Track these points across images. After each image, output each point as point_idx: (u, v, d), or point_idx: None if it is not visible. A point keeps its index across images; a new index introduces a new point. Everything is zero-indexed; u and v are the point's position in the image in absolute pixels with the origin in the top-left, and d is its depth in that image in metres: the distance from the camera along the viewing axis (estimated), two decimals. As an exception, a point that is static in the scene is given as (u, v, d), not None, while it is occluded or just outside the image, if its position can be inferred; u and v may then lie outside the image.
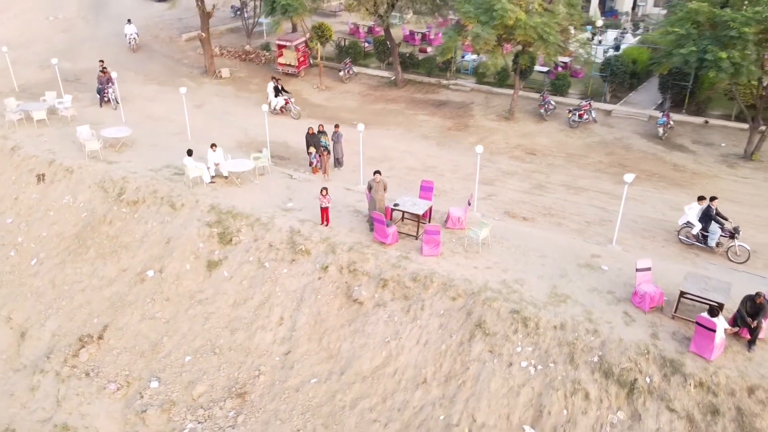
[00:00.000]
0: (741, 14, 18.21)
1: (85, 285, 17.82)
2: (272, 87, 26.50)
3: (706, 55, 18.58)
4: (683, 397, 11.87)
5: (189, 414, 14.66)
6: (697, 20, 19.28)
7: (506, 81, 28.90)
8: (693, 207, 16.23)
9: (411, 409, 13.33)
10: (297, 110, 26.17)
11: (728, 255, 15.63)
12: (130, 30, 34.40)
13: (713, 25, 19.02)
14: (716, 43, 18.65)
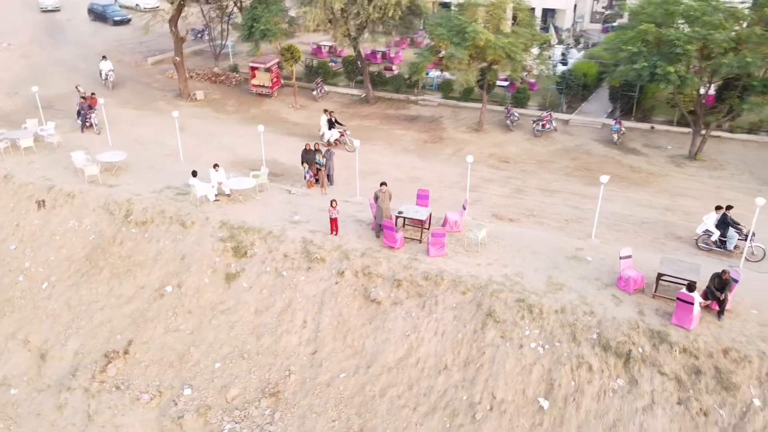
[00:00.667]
0: (684, 33, 21.01)
1: (103, 304, 18.51)
2: (325, 120, 26.21)
3: (657, 69, 21.26)
4: (671, 362, 13.96)
5: (225, 416, 15.71)
6: (646, 39, 21.98)
7: (471, 95, 31.12)
8: (711, 216, 18.02)
9: (436, 393, 14.91)
10: (353, 142, 25.10)
11: (746, 255, 17.40)
12: (105, 66, 33.58)
13: (660, 43, 21.76)
14: (664, 58, 21.37)
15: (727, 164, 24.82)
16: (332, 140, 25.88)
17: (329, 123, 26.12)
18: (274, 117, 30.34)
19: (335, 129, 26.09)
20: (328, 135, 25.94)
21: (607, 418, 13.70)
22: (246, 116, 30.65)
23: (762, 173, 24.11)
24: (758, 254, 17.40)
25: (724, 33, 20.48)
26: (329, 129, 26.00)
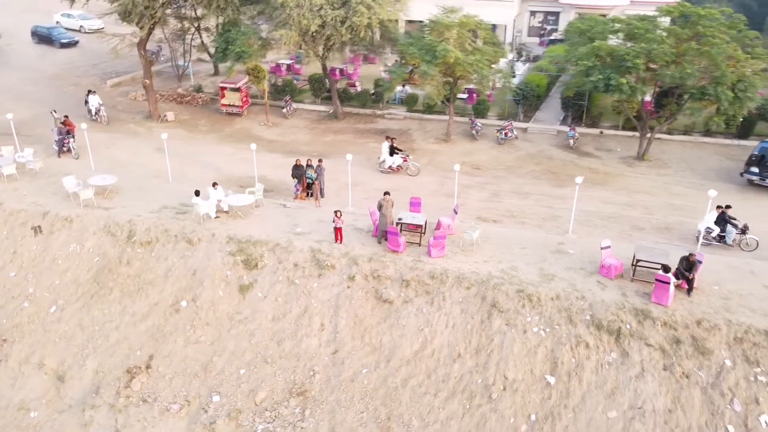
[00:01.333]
0: (632, 49, 23.75)
1: (117, 323, 19.04)
2: (387, 146, 26.31)
3: (611, 81, 23.90)
4: (655, 335, 16.15)
5: (257, 417, 16.72)
6: (599, 54, 24.63)
7: (434, 108, 33.15)
8: (710, 215, 20.03)
9: (453, 379, 16.50)
10: (416, 167, 26.11)
11: (741, 246, 19.86)
12: (94, 101, 31.78)
13: (612, 58, 24.45)
14: (616, 71, 24.04)
15: (670, 163, 27.86)
16: (394, 166, 26.15)
17: (391, 149, 26.31)
18: (249, 135, 31.25)
19: (397, 155, 26.26)
20: (389, 161, 26.18)
21: (606, 387, 15.71)
22: (221, 135, 31.42)
23: (700, 169, 27.22)
24: (752, 245, 19.88)
25: (666, 48, 23.36)
26: (390, 155, 26.21)
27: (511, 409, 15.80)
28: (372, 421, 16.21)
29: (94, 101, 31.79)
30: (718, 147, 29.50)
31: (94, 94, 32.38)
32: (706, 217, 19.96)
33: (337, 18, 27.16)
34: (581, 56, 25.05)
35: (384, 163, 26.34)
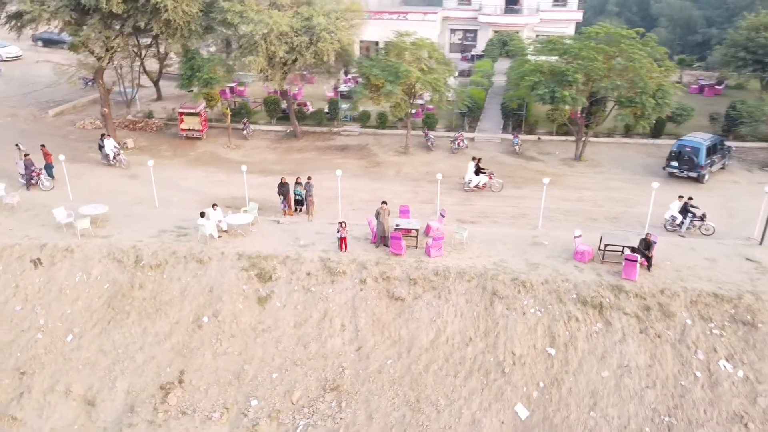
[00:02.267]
0: (571, 66, 27.46)
1: (141, 343, 19.77)
2: (473, 166, 27.70)
3: (555, 93, 27.45)
4: (630, 305, 19.33)
5: (296, 415, 18.21)
6: (542, 71, 28.17)
7: (386, 124, 35.60)
8: (675, 204, 23.57)
9: (468, 361, 18.84)
10: (500, 183, 27.67)
11: (701, 231, 23.39)
12: (110, 145, 30.25)
13: (554, 74, 28.05)
14: (559, 85, 27.63)
15: (602, 162, 31.92)
16: (480, 185, 27.60)
17: (477, 168, 27.77)
18: (216, 158, 32.18)
19: (483, 174, 27.71)
20: (475, 180, 27.59)
21: (597, 352, 18.65)
22: (187, 159, 32.10)
23: (628, 166, 31.44)
24: (710, 230, 23.51)
25: (599, 64, 27.26)
26: (476, 175, 27.67)
27: (522, 379, 18.37)
28: (403, 404, 18.20)
29: (110, 145, 30.28)
30: (637, 146, 34.06)
31: (109, 138, 30.77)
32: (671, 206, 23.68)
33: (302, 44, 28.94)
34: (527, 73, 28.51)
35: (470, 183, 27.79)
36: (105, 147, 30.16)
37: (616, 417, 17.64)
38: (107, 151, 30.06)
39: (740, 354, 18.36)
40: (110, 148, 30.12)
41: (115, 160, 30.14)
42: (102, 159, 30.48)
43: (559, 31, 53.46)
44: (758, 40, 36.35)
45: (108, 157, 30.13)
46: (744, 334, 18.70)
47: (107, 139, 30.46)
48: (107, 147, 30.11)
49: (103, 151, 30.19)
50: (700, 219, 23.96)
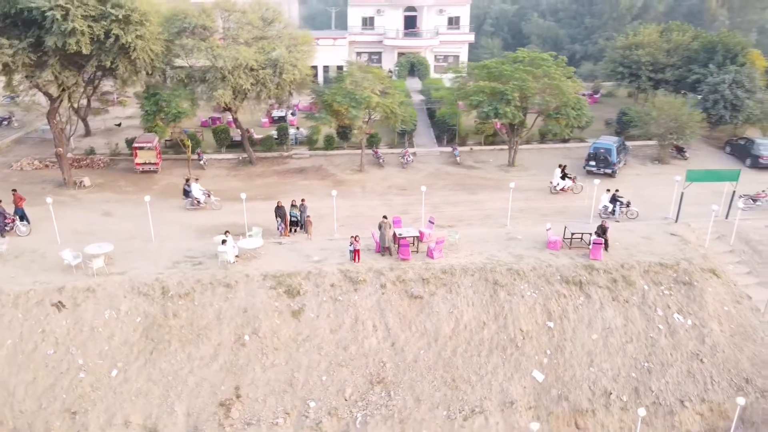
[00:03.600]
0: (509, 86, 32.14)
1: (189, 367, 20.89)
2: (559, 172, 32.43)
3: (498, 110, 31.96)
4: (601, 279, 23.86)
5: (352, 409, 20.51)
6: (484, 91, 32.60)
7: (332, 145, 38.25)
8: (605, 196, 28.81)
9: (487, 341, 22.25)
10: (580, 186, 31.82)
11: (627, 216, 28.49)
12: (197, 188, 29.85)
13: (494, 93, 32.59)
14: (500, 102, 32.18)
15: (531, 166, 37.07)
16: (566, 188, 32.23)
17: (562, 173, 32.35)
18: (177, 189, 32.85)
19: (568, 179, 32.33)
20: (562, 184, 32.29)
21: (585, 320, 22.91)
22: (154, 192, 32.39)
23: (552, 168, 36.66)
24: (634, 214, 28.76)
25: (530, 83, 32.24)
26: (563, 179, 32.28)
27: (533, 350, 22.14)
28: (442, 385, 21.18)
29: (198, 189, 29.96)
30: (552, 150, 39.77)
31: (196, 181, 30.51)
32: (603, 198, 28.83)
33: (267, 76, 30.84)
34: (471, 93, 32.83)
35: (557, 186, 32.51)
36: (192, 191, 29.80)
37: (609, 369, 21.98)
38: (196, 195, 29.73)
39: (686, 307, 23.55)
40: (198, 191, 29.80)
41: (206, 203, 29.91)
42: (188, 205, 29.99)
43: (454, 51, 59.39)
44: (632, 57, 43.90)
45: (197, 202, 29.75)
46: (686, 291, 23.96)
47: (194, 182, 30.13)
48: (195, 191, 29.78)
49: (191, 196, 29.84)
50: (626, 206, 29.50)
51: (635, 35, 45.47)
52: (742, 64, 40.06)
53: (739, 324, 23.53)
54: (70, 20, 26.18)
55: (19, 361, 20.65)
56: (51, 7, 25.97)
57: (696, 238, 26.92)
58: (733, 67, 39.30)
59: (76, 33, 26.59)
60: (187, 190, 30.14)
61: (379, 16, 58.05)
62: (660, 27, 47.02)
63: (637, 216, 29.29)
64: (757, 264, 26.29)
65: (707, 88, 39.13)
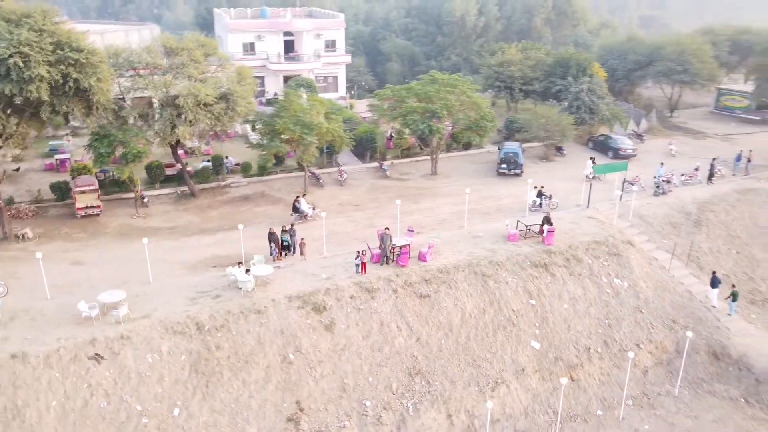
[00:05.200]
0: (437, 106, 36.58)
1: (248, 392, 22.03)
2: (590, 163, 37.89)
3: (431, 127, 36.25)
4: (558, 260, 29.17)
5: (402, 400, 23.28)
6: (416, 111, 36.67)
7: (266, 171, 39.69)
8: (533, 193, 33.61)
9: (490, 324, 26.29)
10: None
11: (550, 207, 33.58)
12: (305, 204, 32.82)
13: (426, 112, 36.80)
14: (431, 120, 36.50)
15: (450, 173, 41.98)
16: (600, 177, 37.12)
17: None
18: (138, 229, 32.28)
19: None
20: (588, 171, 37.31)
21: (556, 295, 28.00)
22: (109, 237, 31.51)
23: (467, 173, 42.04)
24: (556, 205, 34.38)
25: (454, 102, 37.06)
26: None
27: (526, 325, 26.68)
28: (467, 366, 24.80)
29: (305, 204, 33.66)
30: (460, 158, 45.15)
31: (304, 197, 34.40)
32: (530, 194, 34.37)
33: (221, 110, 31.68)
34: (405, 113, 36.75)
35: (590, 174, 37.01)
36: (301, 206, 33.58)
37: (582, 329, 27.33)
38: (304, 210, 33.55)
39: (621, 273, 29.83)
40: (306, 206, 33.73)
41: (312, 216, 33.25)
42: (297, 219, 33.15)
43: (333, 72, 62.86)
44: (506, 72, 51.20)
45: (305, 215, 33.41)
46: (617, 261, 30.26)
47: (303, 198, 34.12)
48: (303, 206, 33.63)
49: (300, 211, 33.53)
50: (549, 199, 35.58)
51: (503, 54, 52.99)
52: (591, 75, 49.11)
53: (656, 280, 30.41)
54: (33, 67, 25.19)
55: (72, 419, 20.20)
56: (10, 54, 24.78)
57: (606, 219, 33.68)
58: (586, 78, 48.07)
59: (35, 80, 25.61)
60: (297, 206, 33.71)
61: (259, 42, 59.47)
62: (519, 46, 55.18)
63: (557, 206, 35.49)
64: (652, 233, 33.76)
65: (571, 96, 47.42)
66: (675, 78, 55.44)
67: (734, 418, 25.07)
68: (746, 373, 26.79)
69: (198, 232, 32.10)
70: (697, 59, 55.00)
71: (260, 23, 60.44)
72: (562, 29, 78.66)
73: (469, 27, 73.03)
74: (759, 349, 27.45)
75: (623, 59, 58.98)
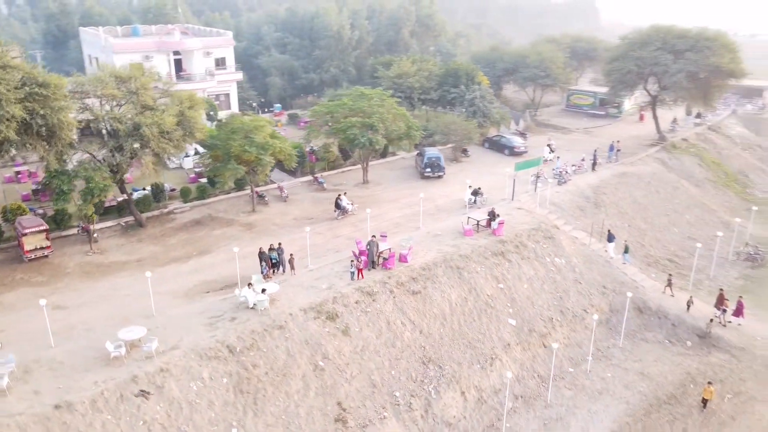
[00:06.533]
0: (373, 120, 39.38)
1: (294, 402, 23.39)
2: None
3: (372, 139, 39.01)
4: (510, 248, 33.66)
5: (423, 386, 26.05)
6: (356, 125, 39.16)
7: (206, 194, 39.67)
8: (467, 192, 37.36)
9: (474, 310, 29.90)
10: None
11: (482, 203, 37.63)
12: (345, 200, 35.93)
13: (364, 126, 39.40)
14: (369, 132, 39.26)
15: (380, 180, 45.00)
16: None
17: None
18: (102, 266, 31.11)
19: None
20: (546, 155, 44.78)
21: (516, 277, 32.43)
22: (76, 275, 30.10)
23: (393, 178, 45.40)
24: (488, 202, 38.58)
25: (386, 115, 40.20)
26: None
27: (500, 305, 30.74)
28: (465, 347, 28.17)
29: (346, 200, 37.95)
30: (379, 165, 48.32)
31: (345, 194, 38.50)
32: (466, 193, 38.60)
33: (181, 137, 31.56)
34: (345, 128, 39.09)
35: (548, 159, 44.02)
36: (342, 202, 37.67)
37: (542, 304, 32.09)
38: (345, 206, 37.65)
39: (557, 252, 35.19)
40: (346, 202, 37.95)
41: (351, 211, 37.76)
42: (338, 215, 37.66)
43: (225, 90, 62.67)
44: (405, 83, 55.35)
45: (345, 210, 37.65)
46: (552, 242, 35.62)
47: (344, 195, 38.32)
48: (344, 202, 37.82)
49: (342, 207, 37.58)
50: (481, 196, 40.21)
51: (399, 67, 57.14)
52: (479, 83, 55.11)
53: (583, 255, 36.28)
54: (4, 105, 23.92)
55: (137, 457, 20.19)
56: (-19, 94, 23.33)
57: (530, 209, 39.08)
58: (476, 86, 53.92)
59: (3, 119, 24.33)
60: (339, 202, 37.77)
61: (147, 62, 57.42)
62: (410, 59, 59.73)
63: (487, 202, 40.24)
64: (567, 217, 39.81)
65: (467, 103, 52.92)
66: (540, 82, 63.75)
67: (667, 355, 31.31)
68: (664, 320, 33.35)
69: (169, 261, 31.77)
70: (555, 65, 63.85)
71: (148, 43, 58.44)
72: (425, 40, 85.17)
73: (346, 40, 76.33)
74: (668, 302, 34.25)
75: (492, 67, 66.35)
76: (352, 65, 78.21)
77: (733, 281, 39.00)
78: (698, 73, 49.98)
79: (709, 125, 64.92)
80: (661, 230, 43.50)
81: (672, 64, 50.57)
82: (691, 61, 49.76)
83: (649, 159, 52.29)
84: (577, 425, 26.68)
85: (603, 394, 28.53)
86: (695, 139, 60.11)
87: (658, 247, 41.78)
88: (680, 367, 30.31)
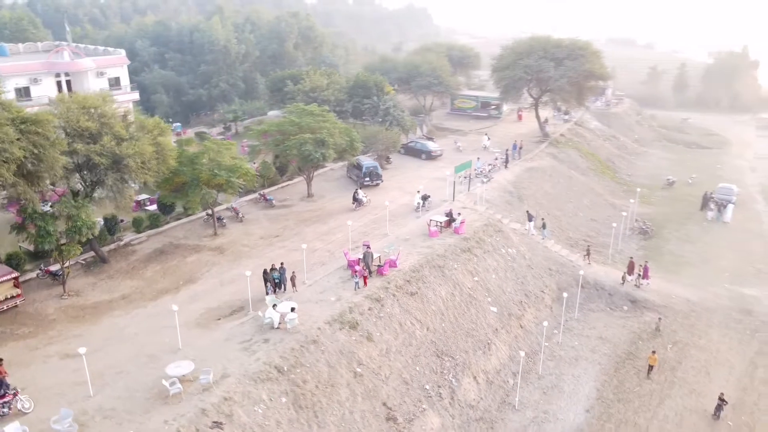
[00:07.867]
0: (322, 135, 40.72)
1: (347, 409, 24.82)
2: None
3: (324, 153, 40.36)
4: (473, 244, 37.29)
5: (444, 376, 28.58)
6: (309, 140, 40.22)
7: (158, 222, 38.37)
8: (417, 196, 39.94)
9: (462, 303, 33.00)
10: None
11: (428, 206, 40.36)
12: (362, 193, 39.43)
13: (316, 141, 40.55)
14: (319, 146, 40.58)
15: (322, 192, 46.29)
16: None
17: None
18: (87, 308, 29.41)
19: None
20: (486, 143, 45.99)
21: (485, 269, 36.14)
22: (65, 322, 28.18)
23: (334, 189, 46.96)
24: (432, 203, 41.67)
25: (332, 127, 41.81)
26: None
27: (481, 295, 34.22)
28: (468, 337, 31.20)
29: (362, 193, 42.95)
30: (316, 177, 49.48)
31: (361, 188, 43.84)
32: (416, 198, 41.51)
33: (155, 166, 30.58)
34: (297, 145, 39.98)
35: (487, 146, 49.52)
36: (359, 195, 42.58)
37: (511, 290, 36.18)
38: (361, 198, 42.58)
39: (508, 243, 39.61)
40: (362, 196, 42.78)
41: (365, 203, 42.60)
42: (356, 207, 42.44)
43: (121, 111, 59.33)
44: (320, 96, 56.75)
45: (361, 203, 42.41)
46: (502, 235, 39.97)
47: (360, 189, 43.30)
48: (360, 195, 42.67)
49: (359, 200, 42.31)
50: (428, 200, 43.43)
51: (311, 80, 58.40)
52: (387, 93, 58.43)
53: (527, 243, 41.13)
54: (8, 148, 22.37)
55: (230, 486, 20.44)
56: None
57: (472, 206, 43.17)
58: (387, 96, 57.18)
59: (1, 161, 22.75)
60: (356, 196, 42.57)
61: (35, 85, 52.74)
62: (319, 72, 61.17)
63: (432, 203, 43.60)
64: (501, 211, 44.51)
65: (382, 112, 55.94)
66: (433, 89, 68.74)
67: (612, 320, 36.99)
68: (602, 292, 39.18)
69: (158, 294, 30.80)
70: (444, 73, 69.26)
71: (35, 65, 53.51)
72: (308, 52, 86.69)
73: (233, 55, 75.41)
74: (600, 275, 40.18)
75: (387, 76, 70.06)
76: (240, 79, 77.49)
77: (635, 252, 46.34)
78: (576, 77, 57.82)
79: (575, 121, 74.55)
80: (571, 216, 50.10)
81: (554, 70, 57.90)
82: (570, 68, 57.41)
83: (543, 154, 59.33)
84: (568, 389, 30.96)
85: (578, 360, 33.21)
86: (569, 134, 68.90)
87: (572, 230, 48.16)
88: (626, 329, 36.08)
